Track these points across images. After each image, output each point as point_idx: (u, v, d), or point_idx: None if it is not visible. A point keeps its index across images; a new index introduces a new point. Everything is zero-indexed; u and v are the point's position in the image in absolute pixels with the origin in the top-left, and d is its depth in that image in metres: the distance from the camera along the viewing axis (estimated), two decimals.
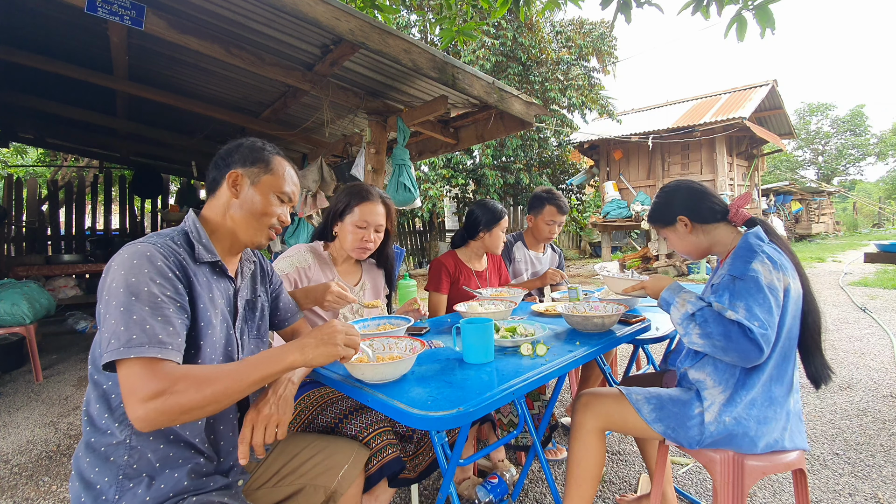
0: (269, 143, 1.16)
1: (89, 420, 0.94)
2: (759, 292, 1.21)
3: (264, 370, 0.89)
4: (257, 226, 1.10)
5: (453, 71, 3.01)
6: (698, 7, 2.41)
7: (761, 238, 1.35)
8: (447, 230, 12.55)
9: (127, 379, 0.81)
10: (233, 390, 0.85)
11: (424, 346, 1.24)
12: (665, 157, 10.33)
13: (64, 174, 9.16)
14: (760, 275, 1.23)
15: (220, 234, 1.09)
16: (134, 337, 0.83)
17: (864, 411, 2.66)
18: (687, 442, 1.29)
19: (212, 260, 1.04)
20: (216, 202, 1.10)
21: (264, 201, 1.10)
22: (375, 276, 1.86)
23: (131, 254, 0.91)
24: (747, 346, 1.16)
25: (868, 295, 6.18)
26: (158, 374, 0.81)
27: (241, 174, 1.09)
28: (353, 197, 1.66)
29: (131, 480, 0.90)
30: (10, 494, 2.03)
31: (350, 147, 4.54)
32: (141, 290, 0.87)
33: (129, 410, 0.80)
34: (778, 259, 1.28)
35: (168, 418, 0.80)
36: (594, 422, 1.41)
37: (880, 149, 32.95)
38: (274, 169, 1.12)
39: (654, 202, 1.57)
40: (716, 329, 1.21)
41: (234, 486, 1.04)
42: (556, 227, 2.55)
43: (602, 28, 10.84)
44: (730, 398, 1.28)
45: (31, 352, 3.46)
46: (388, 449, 1.28)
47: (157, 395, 0.79)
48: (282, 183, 1.12)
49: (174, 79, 3.85)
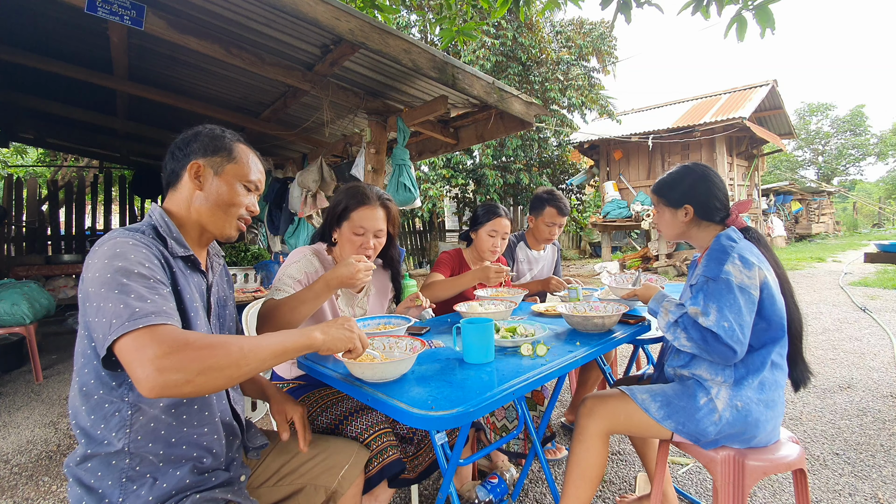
0: (229, 130, 1.11)
1: (83, 433, 0.90)
2: (730, 293, 1.27)
3: (287, 343, 0.89)
4: (225, 217, 1.06)
5: (453, 71, 3.01)
6: (698, 7, 2.41)
7: (733, 238, 1.38)
8: (447, 230, 12.55)
9: (133, 349, 0.75)
10: (253, 356, 0.82)
11: (425, 345, 1.24)
12: (665, 157, 10.34)
13: (64, 174, 9.16)
14: (732, 276, 1.28)
15: (187, 228, 1.05)
16: (137, 309, 0.78)
17: (864, 411, 2.66)
18: (701, 435, 1.29)
19: (185, 254, 1.00)
20: (178, 196, 1.05)
21: (230, 191, 1.05)
22: (381, 277, 1.84)
23: (112, 245, 0.87)
24: (722, 350, 1.24)
25: (868, 295, 6.18)
26: (170, 337, 0.77)
27: (202, 165, 1.04)
28: (351, 200, 1.58)
29: (135, 482, 0.88)
30: (10, 494, 2.03)
31: (350, 147, 4.54)
32: (131, 273, 0.83)
33: (138, 372, 0.73)
34: (749, 257, 1.31)
35: (183, 377, 0.73)
36: (599, 425, 1.40)
37: (880, 149, 32.94)
38: (237, 157, 1.07)
39: (670, 176, 1.54)
40: (695, 335, 1.28)
41: (237, 482, 1.03)
42: (556, 228, 2.55)
43: (602, 28, 10.84)
44: (736, 383, 1.30)
45: (31, 352, 3.46)
46: (390, 450, 1.28)
47: (172, 352, 0.74)
48: (247, 171, 1.08)
49: (174, 79, 3.85)
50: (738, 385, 1.30)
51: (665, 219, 1.55)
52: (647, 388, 1.42)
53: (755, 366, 1.31)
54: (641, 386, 1.44)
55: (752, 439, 1.28)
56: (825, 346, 3.90)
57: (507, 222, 2.24)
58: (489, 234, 2.22)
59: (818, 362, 3.52)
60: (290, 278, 1.51)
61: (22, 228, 6.46)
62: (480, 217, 2.26)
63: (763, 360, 1.31)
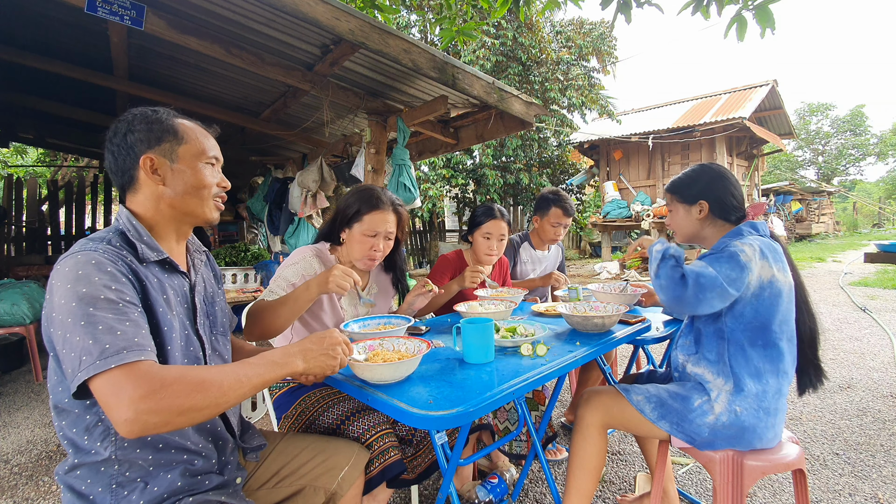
0: (161, 108, 1.01)
1: (70, 443, 0.87)
2: (730, 260, 1.27)
3: (267, 374, 0.86)
4: (200, 202, 1.00)
5: (453, 71, 3.01)
6: (698, 7, 2.41)
7: (757, 228, 1.38)
8: (447, 230, 12.55)
9: (109, 390, 0.72)
10: (233, 394, 0.80)
11: (430, 346, 1.23)
12: (665, 157, 10.34)
13: (64, 174, 9.16)
14: (739, 250, 1.28)
15: (159, 228, 0.99)
16: (107, 346, 0.74)
17: (864, 411, 2.66)
18: (695, 435, 1.29)
19: (159, 258, 0.95)
20: (141, 195, 0.97)
21: (195, 174, 0.99)
22: (383, 279, 1.83)
23: (74, 264, 0.80)
24: (690, 291, 1.25)
25: (868, 295, 6.18)
26: (147, 376, 0.73)
27: (154, 158, 0.95)
28: (364, 204, 1.58)
29: (125, 488, 0.87)
30: (10, 494, 2.03)
31: (350, 147, 4.54)
32: (97, 299, 0.77)
33: (115, 415, 0.70)
34: (767, 250, 1.31)
35: (162, 420, 0.72)
36: (596, 417, 1.42)
37: (880, 149, 32.93)
38: (185, 136, 0.99)
39: (685, 174, 1.53)
40: (672, 272, 1.30)
41: (232, 484, 1.01)
42: (561, 228, 2.55)
43: (602, 28, 10.84)
44: (736, 387, 1.30)
45: (31, 352, 3.46)
46: (391, 451, 1.28)
47: (149, 395, 0.71)
48: (203, 147, 1.01)
49: (174, 79, 3.85)
50: (738, 390, 1.29)
51: (679, 216, 1.52)
52: (643, 388, 1.42)
53: (756, 371, 1.30)
54: (639, 386, 1.44)
55: (750, 444, 1.28)
56: (825, 346, 3.88)
57: (503, 224, 2.19)
58: (483, 236, 2.19)
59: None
60: (285, 281, 1.50)
61: (22, 228, 6.46)
62: (477, 219, 2.24)
63: (763, 365, 1.30)
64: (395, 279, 1.85)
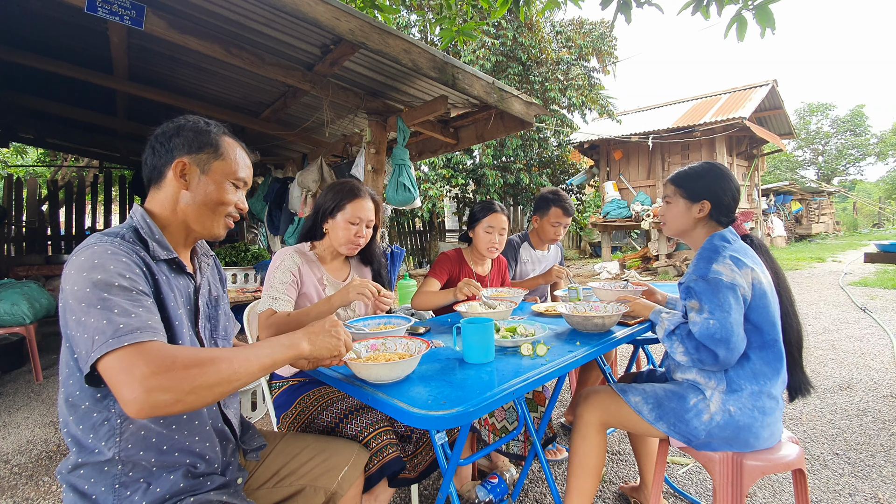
0: (214, 122, 1.04)
1: (74, 441, 0.88)
2: (719, 292, 1.28)
3: (276, 354, 0.88)
4: (213, 217, 1.02)
5: (453, 71, 3.01)
6: (698, 7, 2.41)
7: (727, 239, 1.38)
8: (447, 230, 12.54)
9: (120, 368, 0.72)
10: (243, 371, 0.81)
11: (430, 346, 1.23)
12: (665, 157, 10.34)
13: (64, 174, 9.16)
14: (722, 275, 1.29)
15: (172, 229, 1.00)
16: (121, 326, 0.75)
17: (864, 411, 2.66)
18: (692, 434, 1.30)
19: (169, 257, 0.96)
20: (162, 194, 0.99)
21: (218, 190, 1.01)
22: (363, 273, 1.88)
23: (91, 255, 0.83)
24: (708, 355, 1.26)
25: (868, 295, 6.18)
26: (159, 354, 0.74)
27: (188, 163, 0.98)
28: (345, 195, 1.67)
29: (128, 488, 0.87)
30: (10, 494, 2.03)
31: (350, 147, 4.54)
32: (112, 286, 0.80)
33: (125, 393, 0.71)
34: (742, 258, 1.32)
35: (172, 397, 0.71)
36: (595, 416, 1.43)
37: (880, 149, 32.91)
38: (224, 153, 1.02)
39: (692, 169, 1.51)
40: (689, 345, 1.30)
41: (234, 485, 1.02)
42: (561, 228, 2.55)
43: (602, 28, 10.84)
44: (729, 388, 1.30)
45: (31, 352, 3.46)
46: (389, 448, 1.28)
47: (160, 372, 0.71)
48: (235, 168, 1.03)
49: (174, 79, 3.85)
50: (731, 391, 1.30)
51: (676, 210, 1.50)
52: (640, 389, 1.43)
53: (751, 372, 1.30)
54: (637, 385, 1.45)
55: (747, 444, 1.28)
56: (825, 346, 3.90)
57: (504, 218, 2.22)
58: (486, 230, 2.20)
59: (818, 362, 3.52)
60: (282, 283, 1.55)
61: (22, 228, 6.46)
62: (476, 214, 2.26)
63: (759, 366, 1.30)
64: (374, 272, 1.88)
